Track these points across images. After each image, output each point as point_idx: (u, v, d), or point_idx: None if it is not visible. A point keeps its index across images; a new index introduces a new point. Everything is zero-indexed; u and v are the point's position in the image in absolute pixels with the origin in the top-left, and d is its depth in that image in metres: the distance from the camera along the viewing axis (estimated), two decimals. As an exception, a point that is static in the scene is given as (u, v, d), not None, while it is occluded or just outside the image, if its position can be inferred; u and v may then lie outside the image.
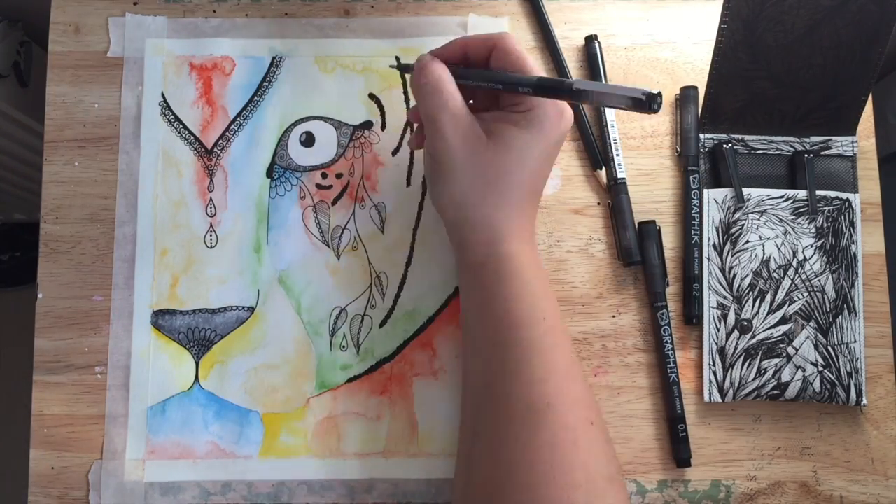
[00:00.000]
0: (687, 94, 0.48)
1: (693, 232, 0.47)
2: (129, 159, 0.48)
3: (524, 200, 0.39)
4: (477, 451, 0.38)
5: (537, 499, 0.34)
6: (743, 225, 0.46)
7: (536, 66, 0.39)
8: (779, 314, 0.46)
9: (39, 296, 0.47)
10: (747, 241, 0.46)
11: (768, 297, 0.46)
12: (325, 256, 0.47)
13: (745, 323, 0.46)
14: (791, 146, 0.48)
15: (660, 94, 0.31)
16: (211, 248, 0.47)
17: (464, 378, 0.40)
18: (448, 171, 0.39)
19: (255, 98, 0.49)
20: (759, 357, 0.45)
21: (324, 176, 0.48)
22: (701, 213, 0.47)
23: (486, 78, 0.39)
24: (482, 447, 0.37)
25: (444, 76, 0.39)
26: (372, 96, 0.49)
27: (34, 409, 0.46)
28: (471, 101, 0.41)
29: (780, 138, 0.48)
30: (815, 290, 0.46)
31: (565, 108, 0.39)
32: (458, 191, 0.39)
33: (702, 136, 0.48)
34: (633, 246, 0.47)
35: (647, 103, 0.31)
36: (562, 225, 0.48)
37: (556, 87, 0.36)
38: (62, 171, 0.48)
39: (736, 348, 0.46)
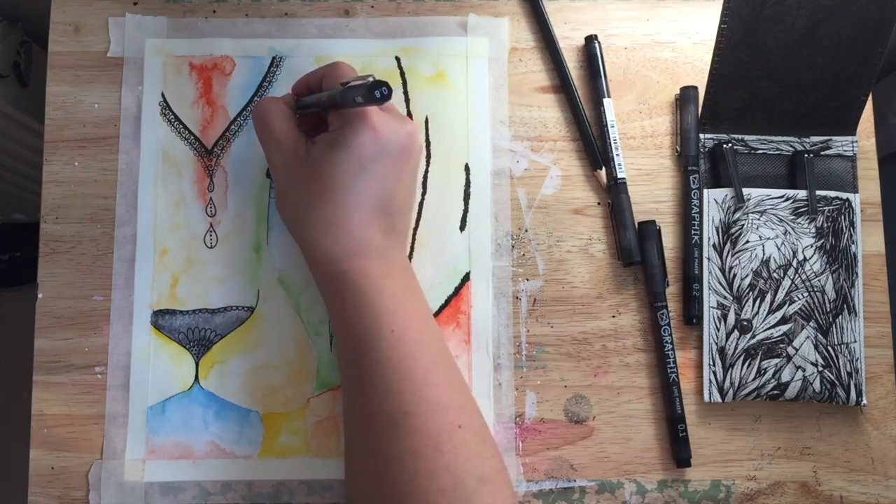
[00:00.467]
0: (687, 94, 0.48)
1: (693, 232, 0.47)
2: (129, 159, 0.48)
3: (361, 219, 0.39)
4: (350, 465, 0.39)
5: None
6: (743, 225, 0.46)
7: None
8: (779, 314, 0.46)
9: (39, 296, 0.47)
10: (747, 241, 0.46)
11: (768, 297, 0.46)
12: (325, 256, 0.47)
13: (745, 323, 0.46)
14: (791, 146, 0.48)
15: (379, 80, 0.33)
16: (211, 248, 0.47)
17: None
18: (280, 193, 0.42)
19: (256, 98, 0.49)
20: (759, 357, 0.45)
21: (324, 176, 0.48)
22: (701, 213, 0.47)
23: (306, 102, 0.42)
24: (353, 460, 0.39)
25: (270, 106, 0.41)
26: (372, 96, 0.49)
27: (34, 409, 0.46)
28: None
29: (780, 138, 0.48)
30: (815, 290, 0.46)
31: (382, 124, 0.39)
32: (288, 212, 0.41)
33: (702, 136, 0.48)
34: (633, 246, 0.47)
35: (372, 92, 0.33)
36: (562, 225, 0.48)
37: (345, 96, 0.37)
38: (62, 171, 0.48)
39: (736, 348, 0.46)
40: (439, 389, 0.38)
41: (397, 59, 0.49)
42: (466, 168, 0.48)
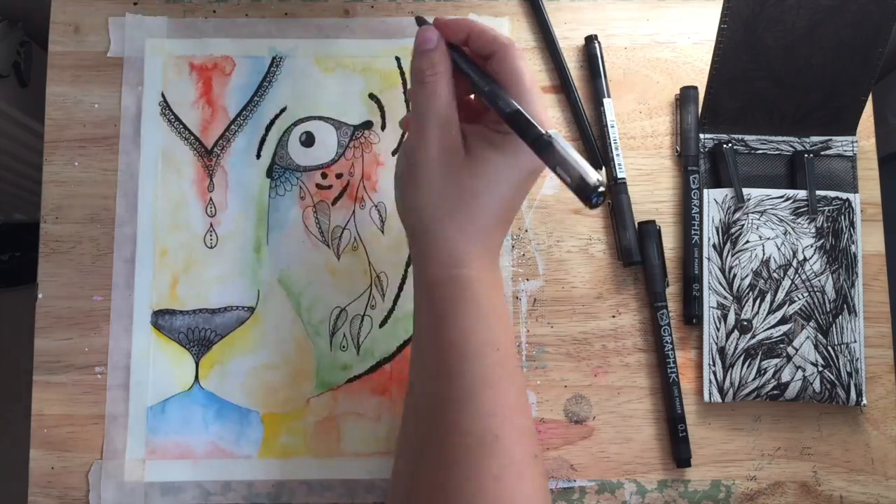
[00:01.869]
0: (687, 94, 0.48)
1: (693, 232, 0.47)
2: (129, 159, 0.48)
3: (492, 226, 0.38)
4: (421, 475, 0.37)
5: None
6: (743, 225, 0.46)
7: (533, 88, 0.36)
8: (779, 314, 0.46)
9: (39, 296, 0.47)
10: (747, 241, 0.46)
11: (768, 297, 0.46)
12: (325, 256, 0.47)
13: (745, 323, 0.46)
14: (791, 146, 0.48)
15: (604, 191, 0.30)
16: (211, 248, 0.47)
17: (409, 394, 0.39)
18: (420, 180, 0.37)
19: (255, 98, 0.49)
20: (759, 357, 0.45)
21: (324, 176, 0.48)
22: (701, 213, 0.47)
23: (477, 78, 0.37)
24: (426, 471, 0.37)
25: (444, 73, 0.37)
26: (372, 96, 0.49)
27: (34, 409, 0.46)
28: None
29: (780, 138, 0.48)
30: (815, 290, 0.46)
31: None
32: (427, 202, 0.37)
33: (702, 136, 0.48)
34: (633, 246, 0.47)
35: (591, 192, 0.30)
36: (562, 225, 0.48)
37: (523, 127, 0.34)
38: (62, 171, 0.48)
39: (736, 348, 0.46)
40: (525, 417, 0.37)
41: (397, 59, 0.49)
42: (466, 168, 0.48)
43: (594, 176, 0.30)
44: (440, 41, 0.38)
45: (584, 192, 0.30)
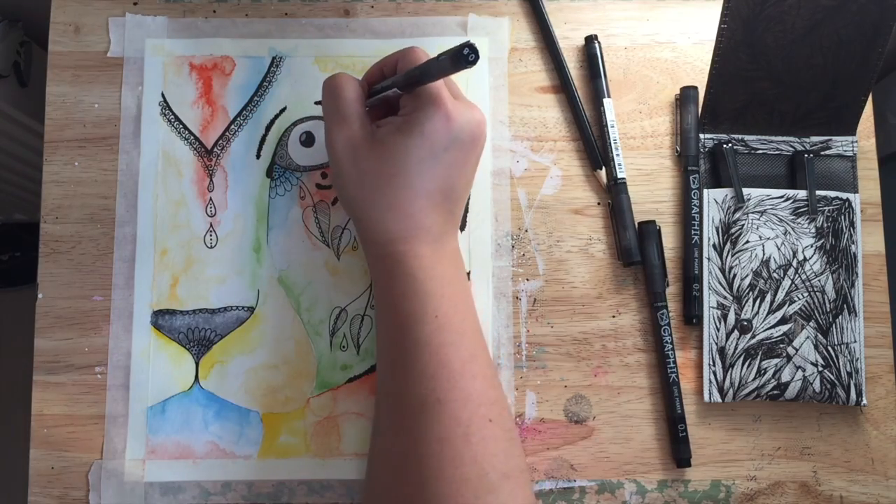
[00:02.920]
0: (687, 94, 0.48)
1: (693, 232, 0.47)
2: (129, 159, 0.48)
3: (422, 205, 0.39)
4: (376, 446, 0.39)
5: (426, 492, 0.35)
6: (743, 225, 0.46)
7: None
8: (779, 314, 0.46)
9: (39, 296, 0.47)
10: (747, 241, 0.46)
11: (768, 297, 0.46)
12: (325, 256, 0.47)
13: (745, 323, 0.46)
14: (791, 146, 0.48)
15: (473, 48, 0.32)
16: (211, 248, 0.47)
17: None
18: (338, 174, 0.41)
19: (255, 98, 0.49)
20: (759, 357, 0.45)
21: (324, 176, 0.48)
22: (701, 213, 0.47)
23: (379, 88, 0.41)
24: (380, 442, 0.39)
25: (343, 81, 0.41)
26: (372, 96, 0.49)
27: (34, 409, 0.46)
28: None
29: (780, 138, 0.48)
30: (815, 290, 0.46)
31: (455, 112, 0.39)
32: (348, 194, 0.40)
33: (702, 136, 0.48)
34: (633, 246, 0.47)
35: (463, 55, 0.32)
36: (562, 225, 0.48)
37: (416, 76, 0.37)
38: (62, 171, 0.48)
39: (736, 348, 0.46)
40: (474, 381, 0.38)
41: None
42: (466, 168, 0.48)
43: (458, 47, 0.32)
44: (343, 74, 0.42)
45: (460, 61, 0.32)
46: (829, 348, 0.45)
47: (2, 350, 1.19)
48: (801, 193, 0.47)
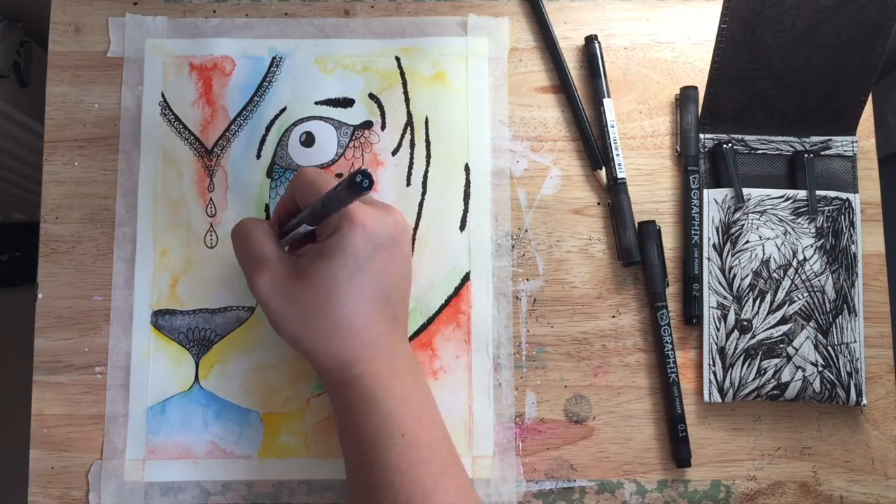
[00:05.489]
0: (687, 94, 0.48)
1: (693, 232, 0.47)
2: (129, 159, 0.48)
3: (361, 322, 0.39)
4: None
5: None
6: (743, 225, 0.46)
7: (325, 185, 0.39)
8: (779, 314, 0.46)
9: (39, 296, 0.47)
10: (747, 241, 0.46)
11: (768, 297, 0.46)
12: (325, 256, 0.47)
13: (745, 323, 0.46)
14: (791, 146, 0.48)
15: (366, 173, 0.32)
16: (211, 248, 0.47)
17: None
18: (270, 313, 0.39)
19: (255, 98, 0.49)
20: (759, 357, 0.45)
21: (324, 176, 0.48)
22: (701, 213, 0.47)
23: (289, 227, 0.41)
24: None
25: (249, 226, 0.41)
26: (372, 96, 0.49)
27: (34, 409, 0.46)
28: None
29: (780, 138, 0.48)
30: (815, 290, 0.46)
31: (369, 220, 0.39)
32: (288, 332, 0.39)
33: (702, 136, 0.48)
34: (633, 246, 0.47)
35: (359, 184, 0.32)
36: (562, 225, 0.48)
37: (326, 204, 0.36)
38: (62, 171, 0.48)
39: (736, 348, 0.46)
40: (448, 494, 0.37)
41: (397, 59, 0.49)
42: (466, 168, 0.48)
43: (351, 175, 0.32)
44: (247, 218, 0.42)
45: (354, 189, 0.33)
46: (829, 348, 0.45)
47: (2, 350, 1.19)
48: (801, 193, 0.47)
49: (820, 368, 0.45)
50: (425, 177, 0.48)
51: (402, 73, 0.49)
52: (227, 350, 0.46)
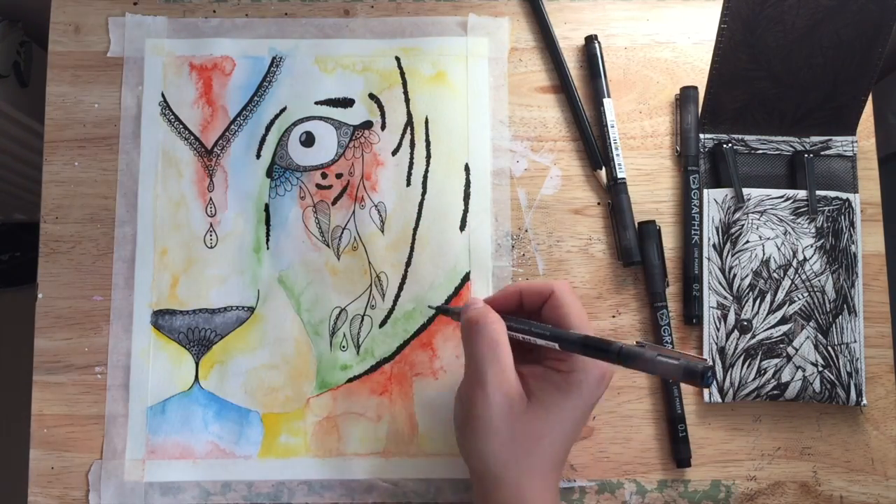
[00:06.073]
0: (687, 94, 0.48)
1: (693, 232, 0.47)
2: (129, 159, 0.48)
3: (555, 464, 0.38)
4: None
5: None
6: (743, 225, 0.46)
7: (586, 319, 0.38)
8: (779, 314, 0.46)
9: (39, 296, 0.47)
10: (747, 241, 0.46)
11: (768, 297, 0.46)
12: (325, 256, 0.47)
13: (745, 323, 0.46)
14: (791, 146, 0.48)
15: (713, 368, 0.28)
16: (211, 248, 0.47)
17: None
18: (482, 427, 0.37)
19: (255, 98, 0.49)
20: (759, 357, 0.45)
21: (324, 176, 0.48)
22: (701, 213, 0.47)
23: (535, 331, 0.37)
24: None
25: (499, 330, 0.37)
26: (372, 96, 0.49)
27: (34, 409, 0.46)
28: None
29: (780, 138, 0.48)
30: (815, 290, 0.46)
31: (607, 370, 0.37)
32: (491, 449, 0.37)
33: (702, 136, 0.48)
34: (633, 246, 0.47)
35: (701, 375, 0.29)
36: (562, 225, 0.48)
37: (601, 348, 0.34)
38: (62, 171, 0.48)
39: (736, 348, 0.46)
40: None
41: (397, 59, 0.49)
42: (466, 168, 0.48)
43: (698, 363, 0.29)
44: (485, 307, 0.39)
45: (693, 379, 0.29)
46: (829, 348, 0.45)
47: (2, 350, 1.19)
48: (801, 193, 0.47)
49: (820, 368, 0.45)
50: (425, 177, 0.48)
51: (402, 73, 0.49)
52: (226, 350, 0.46)
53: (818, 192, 0.47)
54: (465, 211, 0.48)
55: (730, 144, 0.47)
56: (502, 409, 0.36)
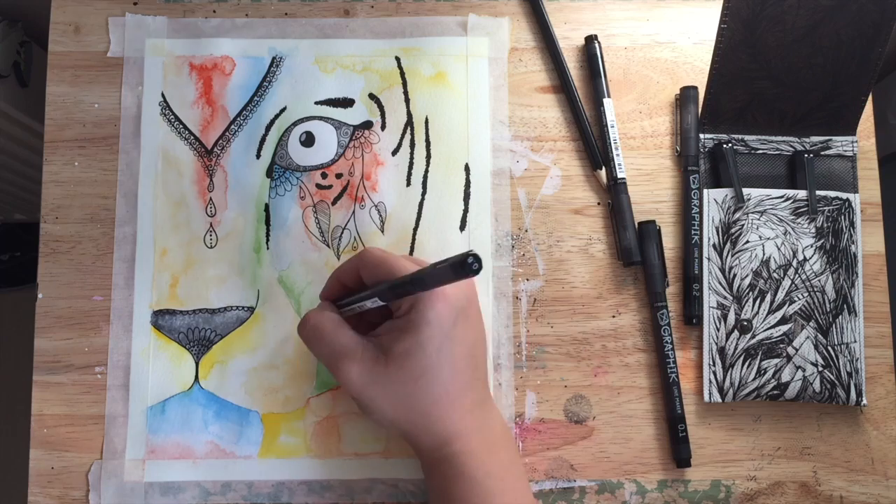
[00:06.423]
0: (687, 94, 0.48)
1: (693, 232, 0.47)
2: (129, 159, 0.48)
3: (454, 394, 0.38)
4: None
5: None
6: (743, 225, 0.46)
7: (408, 263, 0.39)
8: (779, 314, 0.46)
9: (39, 296, 0.47)
10: (747, 241, 0.46)
11: (768, 297, 0.46)
12: (325, 256, 0.47)
13: (745, 323, 0.46)
14: (791, 146, 0.48)
15: (477, 256, 0.30)
16: (211, 248, 0.47)
17: None
18: (363, 402, 0.39)
19: (255, 98, 0.49)
20: (759, 357, 0.45)
21: (324, 176, 0.48)
22: (701, 213, 0.47)
23: (362, 297, 0.39)
24: None
25: (319, 320, 0.40)
26: (372, 96, 0.49)
27: (34, 409, 0.46)
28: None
29: (780, 138, 0.48)
30: (815, 290, 0.46)
31: (436, 292, 0.38)
32: (381, 415, 0.39)
33: (702, 136, 0.48)
34: (633, 246, 0.47)
35: (465, 264, 0.30)
36: (562, 225, 0.48)
37: (403, 285, 0.36)
38: (62, 171, 0.48)
39: (736, 348, 0.46)
40: None
41: (397, 59, 0.49)
42: (466, 168, 0.48)
43: (462, 255, 0.30)
44: (311, 313, 0.41)
45: (463, 271, 0.30)
46: (829, 348, 0.45)
47: (2, 350, 1.19)
48: (801, 193, 0.47)
49: (820, 368, 0.45)
50: (425, 177, 0.48)
51: (402, 73, 0.49)
52: (226, 350, 0.46)
53: (818, 193, 0.47)
54: (465, 211, 0.48)
55: (730, 144, 0.47)
56: (362, 381, 0.38)
